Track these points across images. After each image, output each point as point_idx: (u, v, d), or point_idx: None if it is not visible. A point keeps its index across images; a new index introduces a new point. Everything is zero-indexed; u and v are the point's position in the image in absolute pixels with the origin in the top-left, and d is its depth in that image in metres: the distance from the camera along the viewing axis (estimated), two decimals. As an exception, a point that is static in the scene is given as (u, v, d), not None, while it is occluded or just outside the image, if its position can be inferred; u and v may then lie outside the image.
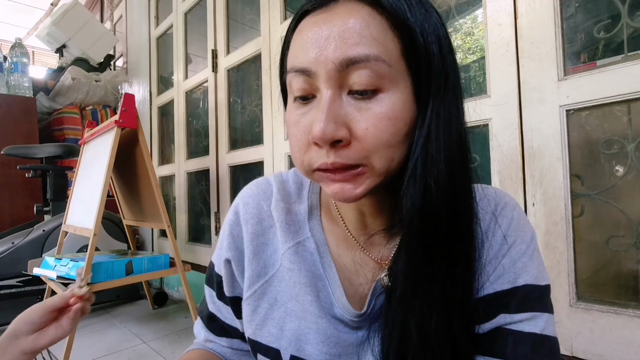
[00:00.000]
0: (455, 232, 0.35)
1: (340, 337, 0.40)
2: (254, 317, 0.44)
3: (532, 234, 0.40)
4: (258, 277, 0.45)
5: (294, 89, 0.35)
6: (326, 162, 0.33)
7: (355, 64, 0.31)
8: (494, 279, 0.38)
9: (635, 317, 0.74)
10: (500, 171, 0.91)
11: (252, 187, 0.49)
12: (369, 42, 0.31)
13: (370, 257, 0.42)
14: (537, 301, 0.37)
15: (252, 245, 0.45)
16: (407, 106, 0.33)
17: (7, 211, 2.09)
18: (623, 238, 0.78)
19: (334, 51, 0.32)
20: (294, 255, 0.43)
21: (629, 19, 0.77)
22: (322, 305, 0.41)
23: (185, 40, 2.23)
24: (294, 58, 0.35)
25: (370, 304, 0.40)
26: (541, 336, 0.36)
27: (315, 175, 0.35)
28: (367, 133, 0.32)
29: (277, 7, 1.55)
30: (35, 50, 5.79)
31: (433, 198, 0.33)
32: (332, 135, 0.31)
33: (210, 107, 1.95)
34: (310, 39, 0.33)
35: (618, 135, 0.78)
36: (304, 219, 0.45)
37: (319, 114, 0.32)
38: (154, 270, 1.47)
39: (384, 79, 0.32)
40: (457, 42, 1.10)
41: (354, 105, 0.33)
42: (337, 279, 0.42)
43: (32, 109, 2.26)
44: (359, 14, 0.32)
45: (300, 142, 0.35)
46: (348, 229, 0.43)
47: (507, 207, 0.41)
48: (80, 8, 2.71)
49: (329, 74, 0.32)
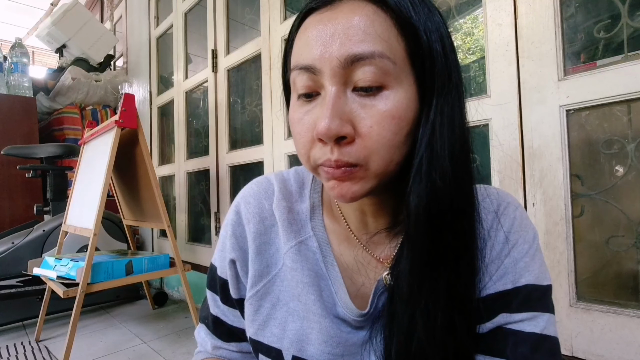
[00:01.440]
0: (459, 229, 0.35)
1: (342, 337, 0.40)
2: (256, 317, 0.44)
3: (534, 234, 0.40)
4: (261, 277, 0.44)
5: (298, 86, 0.35)
6: (330, 158, 0.33)
7: (360, 60, 0.31)
8: (496, 278, 0.38)
9: (635, 317, 0.74)
10: (500, 171, 0.91)
11: (253, 186, 0.48)
12: (373, 39, 0.31)
13: (372, 255, 0.42)
14: (538, 301, 0.37)
15: (255, 244, 0.45)
16: (410, 105, 0.33)
17: (7, 211, 2.09)
18: (623, 238, 0.78)
19: (338, 48, 0.32)
20: (296, 255, 0.43)
21: (629, 19, 0.77)
22: (325, 304, 0.41)
23: (185, 40, 2.23)
24: (298, 56, 0.35)
25: (373, 303, 0.40)
26: (541, 336, 0.36)
27: (320, 171, 0.36)
28: (371, 131, 0.32)
29: (277, 7, 1.55)
30: (35, 50, 5.79)
31: (439, 195, 0.33)
32: (337, 131, 0.31)
33: (210, 107, 1.95)
34: (315, 36, 0.33)
35: (618, 135, 0.78)
36: (306, 217, 0.45)
37: (324, 110, 0.32)
38: (154, 270, 1.48)
39: (388, 76, 0.32)
40: (457, 42, 1.10)
41: (358, 102, 0.33)
42: (340, 278, 0.42)
43: (32, 109, 2.26)
44: (364, 12, 0.32)
45: (305, 139, 0.35)
46: (350, 227, 0.43)
47: (510, 207, 0.41)
48: (80, 8, 2.71)
49: (334, 70, 0.32)
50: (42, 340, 1.57)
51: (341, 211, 0.44)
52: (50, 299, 1.55)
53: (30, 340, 1.56)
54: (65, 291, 1.24)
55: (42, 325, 1.58)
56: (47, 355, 1.41)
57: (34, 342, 1.54)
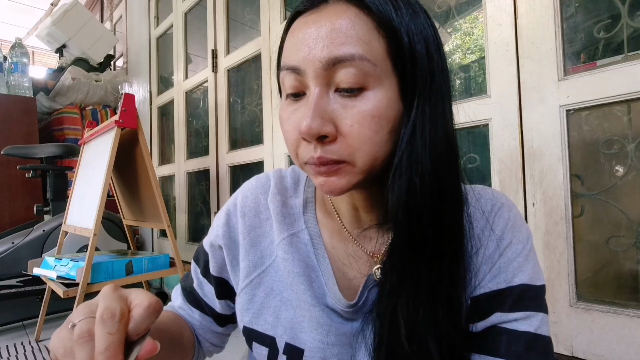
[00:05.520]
0: (441, 227, 0.35)
1: (333, 326, 0.41)
2: (251, 306, 0.45)
3: (528, 235, 0.41)
4: (255, 267, 0.46)
5: (286, 86, 0.37)
6: (313, 156, 0.34)
7: (341, 62, 0.33)
8: (490, 278, 0.39)
9: (635, 317, 0.74)
10: (500, 171, 0.91)
11: (253, 182, 0.51)
12: (354, 42, 0.33)
13: (363, 250, 0.43)
14: (532, 301, 0.38)
15: (250, 237, 0.47)
16: (392, 104, 0.34)
17: (7, 211, 2.09)
18: (623, 238, 0.78)
19: (321, 50, 0.33)
20: (288, 246, 0.44)
21: (629, 19, 0.77)
22: (315, 294, 0.42)
23: (185, 40, 2.23)
24: (286, 57, 0.37)
25: (362, 296, 0.41)
26: (535, 335, 0.37)
27: (307, 168, 0.37)
28: (351, 130, 0.33)
29: (277, 7, 1.55)
30: (35, 50, 5.79)
31: (417, 193, 0.34)
32: (317, 131, 0.33)
33: (210, 107, 1.95)
34: (301, 38, 0.35)
35: (618, 135, 0.78)
36: (299, 211, 0.46)
37: (307, 110, 0.34)
38: (154, 270, 1.48)
39: (369, 77, 0.33)
40: (457, 42, 1.10)
41: (340, 103, 0.34)
42: (330, 270, 0.43)
43: (32, 109, 2.26)
44: (346, 15, 0.33)
45: (292, 137, 0.37)
46: (342, 222, 0.44)
47: (504, 208, 0.41)
48: (80, 8, 2.71)
49: (317, 72, 0.33)
50: (42, 340, 1.57)
51: (334, 206, 0.45)
52: (50, 299, 1.55)
53: (30, 340, 1.56)
54: (65, 291, 1.24)
55: (42, 325, 1.57)
56: (47, 355, 1.41)
57: (34, 342, 1.54)
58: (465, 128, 1.00)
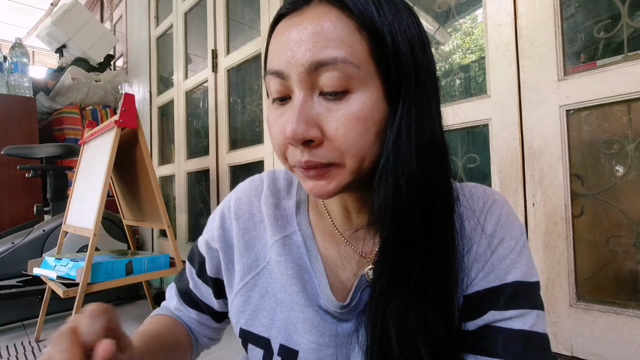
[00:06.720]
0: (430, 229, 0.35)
1: (326, 327, 0.41)
2: (246, 308, 0.46)
3: (521, 231, 0.40)
4: (250, 270, 0.46)
5: (271, 90, 0.37)
6: (300, 160, 0.35)
7: (324, 66, 0.32)
8: (482, 275, 0.38)
9: (635, 317, 0.74)
10: (500, 171, 0.91)
11: (246, 184, 0.51)
12: (336, 45, 0.32)
13: (355, 251, 0.43)
14: (526, 298, 0.37)
15: (244, 239, 0.47)
16: (377, 106, 0.34)
17: (7, 211, 2.09)
18: (623, 238, 0.78)
19: (303, 54, 0.33)
20: (281, 248, 0.44)
21: (629, 19, 0.77)
22: (308, 296, 0.42)
23: (185, 40, 2.23)
24: (270, 61, 0.37)
25: (355, 297, 0.41)
26: (531, 333, 0.36)
27: (295, 171, 0.37)
28: (337, 133, 0.33)
29: (277, 7, 1.55)
30: (35, 50, 5.80)
31: (404, 195, 0.34)
32: (302, 136, 0.33)
33: (210, 107, 1.95)
34: (284, 42, 0.34)
35: (618, 135, 0.78)
36: (292, 213, 0.47)
37: (291, 115, 0.33)
38: (154, 270, 1.47)
39: (352, 80, 0.33)
40: (457, 42, 1.10)
41: (324, 106, 0.34)
42: (323, 271, 0.43)
43: (32, 109, 2.26)
44: (327, 17, 0.33)
45: (279, 141, 0.37)
46: (334, 223, 0.44)
47: (496, 205, 0.41)
48: (80, 8, 2.71)
49: (300, 76, 0.33)
50: (42, 340, 1.56)
51: (326, 207, 0.45)
52: (50, 299, 1.54)
53: (30, 340, 1.56)
54: (65, 291, 1.24)
55: (42, 325, 1.57)
56: (47, 355, 1.41)
57: (34, 342, 1.54)
58: (465, 128, 1.00)
